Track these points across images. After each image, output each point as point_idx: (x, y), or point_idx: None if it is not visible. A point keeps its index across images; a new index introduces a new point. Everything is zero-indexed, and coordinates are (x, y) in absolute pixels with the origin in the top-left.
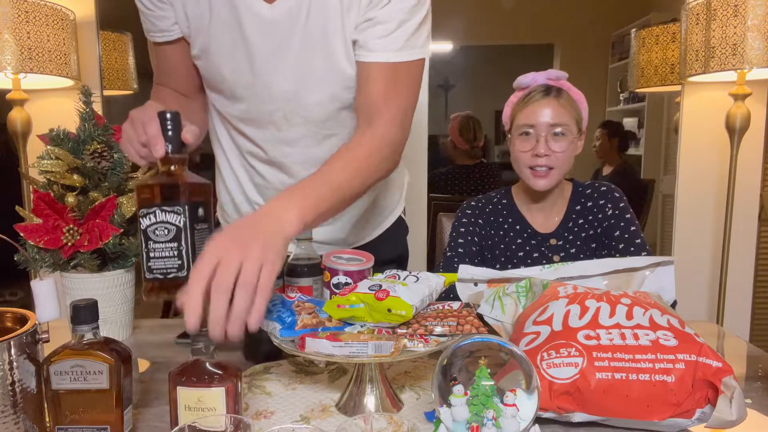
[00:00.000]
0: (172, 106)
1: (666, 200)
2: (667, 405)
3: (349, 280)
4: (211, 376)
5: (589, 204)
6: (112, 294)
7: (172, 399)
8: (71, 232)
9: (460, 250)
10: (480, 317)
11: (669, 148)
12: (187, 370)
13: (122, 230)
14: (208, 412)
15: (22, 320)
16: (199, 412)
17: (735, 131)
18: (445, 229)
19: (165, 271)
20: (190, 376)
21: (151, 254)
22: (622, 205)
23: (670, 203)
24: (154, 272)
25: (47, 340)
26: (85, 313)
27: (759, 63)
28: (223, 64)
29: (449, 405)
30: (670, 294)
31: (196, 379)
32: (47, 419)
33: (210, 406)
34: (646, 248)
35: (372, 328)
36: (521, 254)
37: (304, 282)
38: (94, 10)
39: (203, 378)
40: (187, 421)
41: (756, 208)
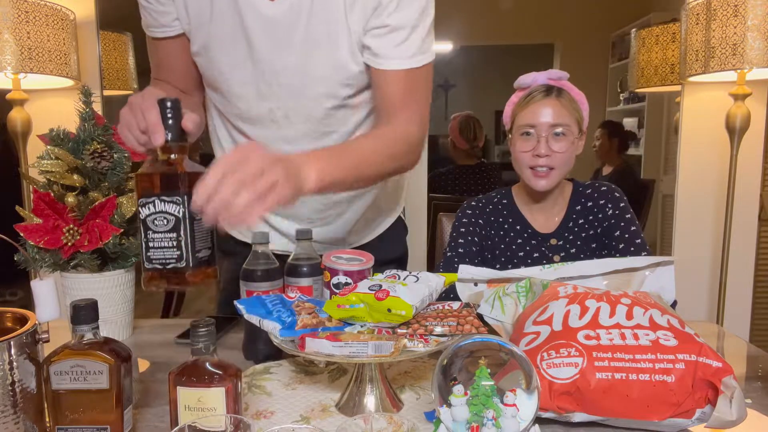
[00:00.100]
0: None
1: (666, 200)
2: (667, 405)
3: (349, 280)
4: (211, 376)
5: (589, 204)
6: (112, 294)
7: (172, 399)
8: (71, 232)
9: (461, 250)
10: (480, 317)
11: (669, 148)
12: (187, 370)
13: (122, 230)
14: (208, 412)
15: (22, 320)
16: (199, 412)
17: (735, 131)
18: (445, 229)
19: (164, 261)
20: (190, 376)
21: (151, 244)
22: (622, 205)
23: (670, 203)
24: (153, 262)
25: (47, 340)
26: (85, 313)
27: (759, 63)
28: (223, 61)
29: (449, 405)
30: (670, 294)
31: (196, 379)
32: (47, 419)
33: (210, 406)
34: (646, 248)
35: (372, 328)
36: (521, 254)
37: (304, 282)
38: (94, 10)
39: (203, 378)
40: (187, 421)
41: (756, 208)
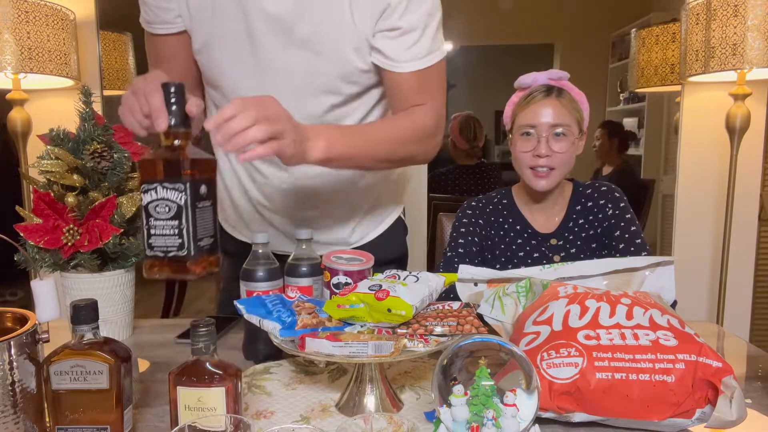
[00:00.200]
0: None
1: (666, 200)
2: (667, 405)
3: (349, 280)
4: (211, 376)
5: (589, 204)
6: (112, 294)
7: (172, 399)
8: (71, 232)
9: (461, 250)
10: (480, 317)
11: (669, 148)
12: (187, 370)
13: (122, 230)
14: (208, 412)
15: (22, 320)
16: (199, 412)
17: (735, 131)
18: (445, 229)
19: (165, 249)
20: (190, 376)
21: (152, 231)
22: (622, 205)
23: (670, 203)
24: (155, 249)
25: (47, 340)
26: (85, 313)
27: (759, 63)
28: (224, 58)
29: (449, 405)
30: (670, 294)
31: (196, 379)
32: (47, 419)
33: (210, 406)
34: (646, 248)
35: (372, 328)
36: (521, 254)
37: (304, 282)
38: (94, 10)
39: (203, 378)
40: (187, 421)
41: (756, 208)
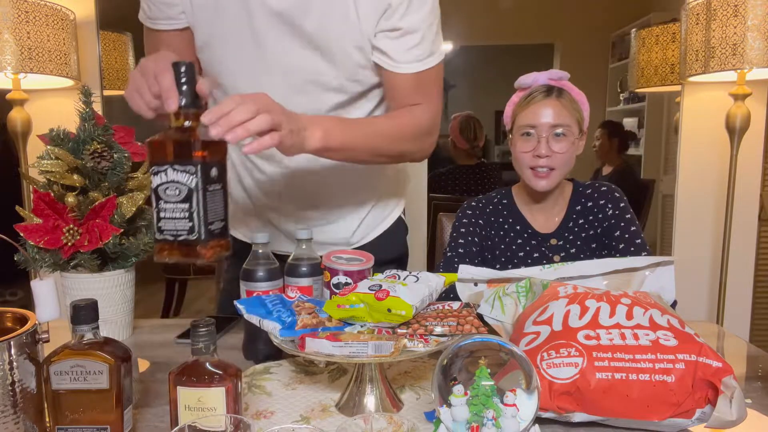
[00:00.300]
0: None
1: (666, 200)
2: (667, 405)
3: (349, 280)
4: (211, 376)
5: (589, 204)
6: (112, 294)
7: (172, 399)
8: (71, 232)
9: (461, 250)
10: (480, 317)
11: (669, 148)
12: (187, 370)
13: (122, 230)
14: (208, 412)
15: (22, 320)
16: (199, 412)
17: (735, 131)
18: (445, 229)
19: (175, 233)
20: (190, 376)
21: (162, 214)
22: (622, 205)
23: (670, 203)
24: (164, 233)
25: (47, 340)
26: (85, 313)
27: (759, 63)
28: (227, 56)
29: (449, 405)
30: (670, 294)
31: (196, 379)
32: (47, 419)
33: (210, 406)
34: (646, 248)
35: (372, 328)
36: (521, 254)
37: (304, 282)
38: (94, 10)
39: (203, 378)
40: (187, 421)
41: (756, 208)
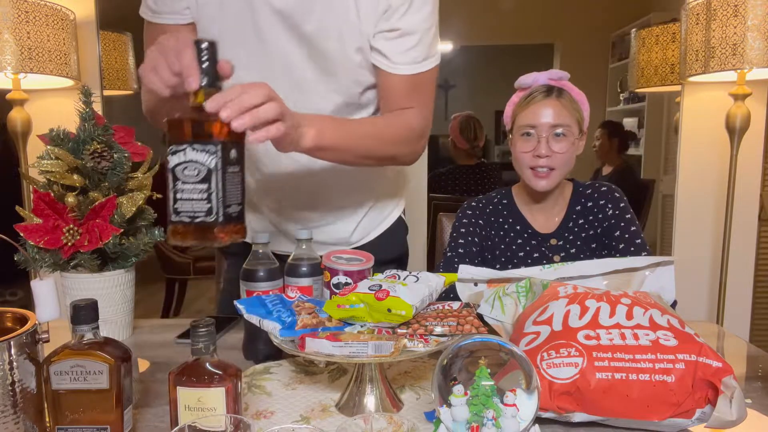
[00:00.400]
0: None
1: (666, 200)
2: (667, 405)
3: (349, 280)
4: (211, 376)
5: (589, 204)
6: (112, 294)
7: (172, 399)
8: (71, 232)
9: (461, 251)
10: (480, 317)
11: (669, 148)
12: (187, 370)
13: (122, 230)
14: (208, 412)
15: (22, 320)
16: (199, 412)
17: (735, 131)
18: (445, 229)
19: (193, 214)
20: (190, 376)
21: (178, 195)
22: (622, 205)
23: (670, 203)
24: (181, 215)
25: (47, 340)
26: (85, 313)
27: (759, 63)
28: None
29: (449, 405)
30: (670, 294)
31: (196, 379)
32: (47, 419)
33: (210, 406)
34: (646, 248)
35: (372, 328)
36: (521, 254)
37: (304, 282)
38: (94, 10)
39: (203, 378)
40: (187, 421)
41: (756, 208)
